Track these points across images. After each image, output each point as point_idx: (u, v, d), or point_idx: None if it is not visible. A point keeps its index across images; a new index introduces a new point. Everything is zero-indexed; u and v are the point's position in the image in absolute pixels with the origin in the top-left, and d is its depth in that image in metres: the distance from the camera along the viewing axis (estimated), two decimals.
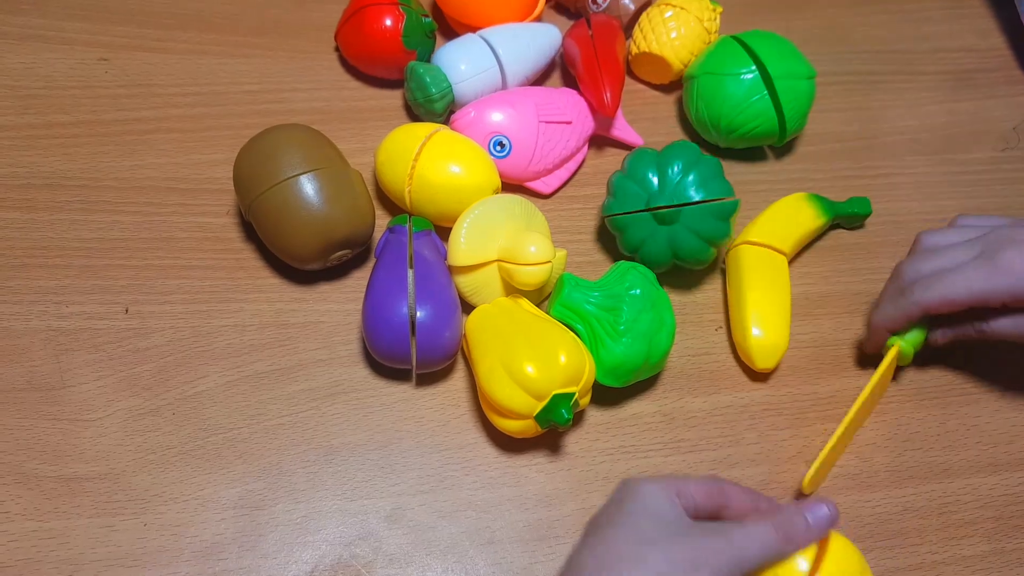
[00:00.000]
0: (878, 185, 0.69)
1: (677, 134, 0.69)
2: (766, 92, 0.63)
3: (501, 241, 0.56)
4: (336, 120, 0.61)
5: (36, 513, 0.49)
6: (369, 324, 0.52)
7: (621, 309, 0.52)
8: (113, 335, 0.55)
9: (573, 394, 0.50)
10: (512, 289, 0.56)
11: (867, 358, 0.59)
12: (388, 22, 0.64)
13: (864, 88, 0.74)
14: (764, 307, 0.58)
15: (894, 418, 0.57)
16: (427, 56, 0.67)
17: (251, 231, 0.59)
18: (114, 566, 0.48)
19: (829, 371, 0.59)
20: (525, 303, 0.55)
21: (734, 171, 0.68)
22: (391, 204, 0.62)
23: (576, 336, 0.52)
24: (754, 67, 0.63)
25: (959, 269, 0.51)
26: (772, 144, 0.67)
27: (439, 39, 0.69)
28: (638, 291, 0.53)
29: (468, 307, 0.57)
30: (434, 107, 0.63)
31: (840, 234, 0.65)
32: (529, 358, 0.49)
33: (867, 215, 0.65)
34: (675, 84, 0.71)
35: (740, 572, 0.39)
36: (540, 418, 0.49)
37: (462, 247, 0.55)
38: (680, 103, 0.71)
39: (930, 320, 0.56)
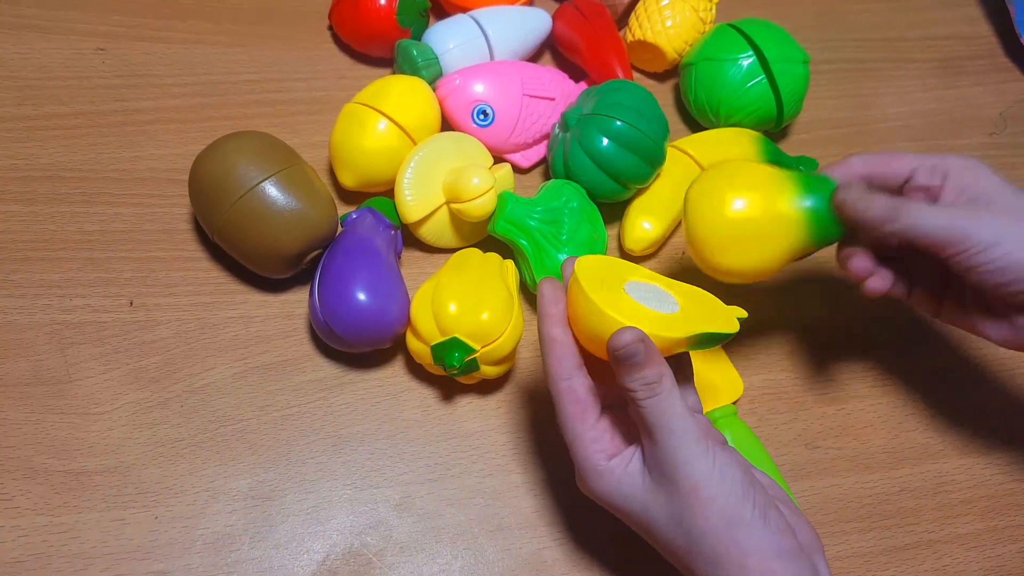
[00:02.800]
0: None
1: (672, 121, 0.69)
2: (764, 76, 0.63)
3: (442, 182, 0.57)
4: (336, 109, 0.61)
5: (46, 507, 0.49)
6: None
7: (562, 222, 0.56)
8: (119, 328, 0.55)
9: (472, 349, 0.51)
10: (469, 224, 0.58)
11: (875, 336, 0.61)
12: (383, 0, 0.64)
13: (855, 75, 0.75)
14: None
15: (890, 401, 0.58)
16: (420, 35, 0.67)
17: None
18: (126, 559, 0.48)
19: (838, 354, 0.60)
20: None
21: None
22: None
23: (517, 318, 0.53)
24: (751, 52, 0.63)
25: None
26: (769, 129, 0.68)
27: (431, 21, 0.69)
28: (575, 204, 0.57)
29: (436, 251, 0.60)
30: (420, 76, 0.63)
31: None
32: (458, 299, 0.51)
33: (814, 167, 0.64)
34: (669, 72, 0.72)
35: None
36: (435, 349, 0.51)
37: (410, 203, 0.57)
38: (674, 90, 0.71)
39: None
